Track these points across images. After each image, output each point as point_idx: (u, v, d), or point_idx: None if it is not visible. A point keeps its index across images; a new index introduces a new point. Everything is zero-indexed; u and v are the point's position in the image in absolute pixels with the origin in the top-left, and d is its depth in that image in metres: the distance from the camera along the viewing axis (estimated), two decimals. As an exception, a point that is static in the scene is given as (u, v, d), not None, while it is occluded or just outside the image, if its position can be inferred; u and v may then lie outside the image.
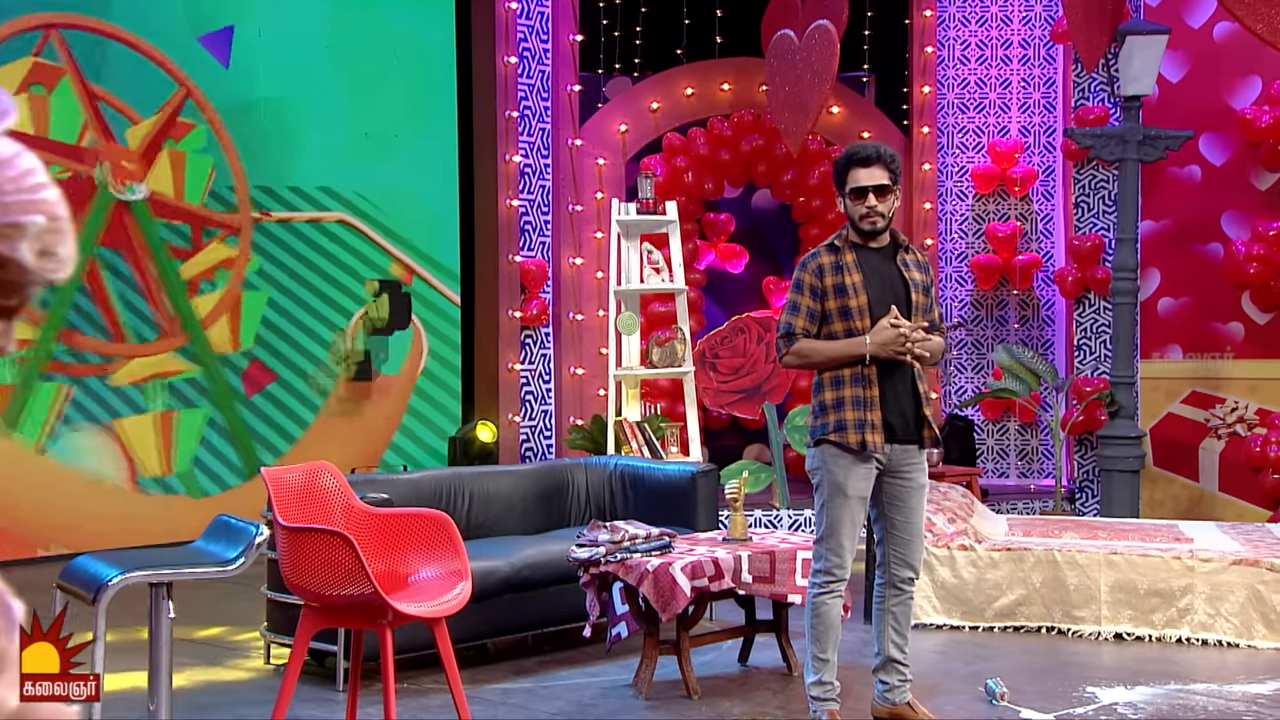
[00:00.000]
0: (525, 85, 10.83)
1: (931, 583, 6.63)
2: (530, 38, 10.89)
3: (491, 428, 10.29)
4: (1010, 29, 11.77)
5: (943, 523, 6.76)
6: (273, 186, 9.86)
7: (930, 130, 11.75)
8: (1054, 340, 11.63)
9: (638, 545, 5.22)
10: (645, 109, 11.47)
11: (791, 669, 5.59)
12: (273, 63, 9.84)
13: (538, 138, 10.94)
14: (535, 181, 10.87)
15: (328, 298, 10.13)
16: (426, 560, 4.64)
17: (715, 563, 5.15)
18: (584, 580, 5.24)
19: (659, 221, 8.29)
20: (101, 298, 8.79)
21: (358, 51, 10.27)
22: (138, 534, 8.15)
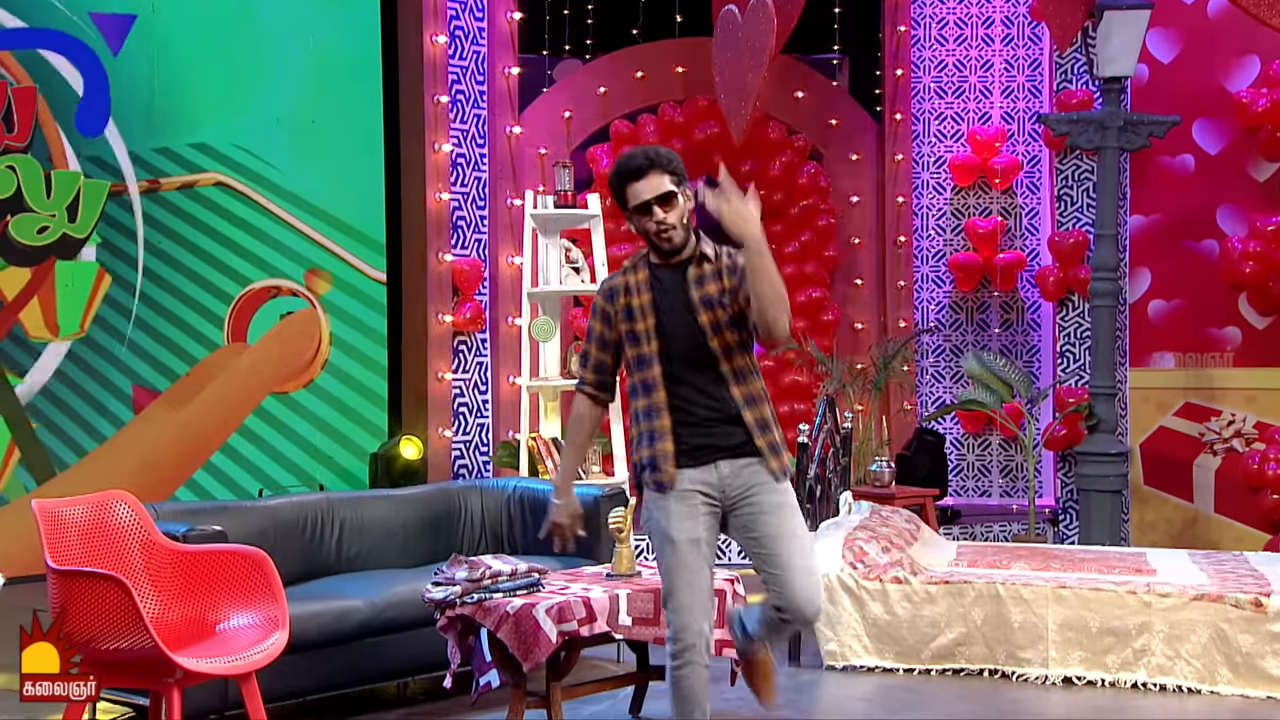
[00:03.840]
0: (457, 67, 10.49)
1: (862, 620, 6.31)
2: (463, 15, 10.55)
3: (417, 443, 9.96)
4: (992, 6, 11.45)
5: (875, 552, 6.43)
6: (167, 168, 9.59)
7: (904, 117, 11.42)
8: (1040, 346, 11.30)
9: (500, 584, 4.89)
10: (592, 93, 11.16)
11: (685, 721, 5.27)
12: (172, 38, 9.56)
13: (472, 125, 10.61)
14: (469, 173, 10.54)
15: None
16: (239, 606, 4.34)
17: (586, 604, 4.83)
18: (441, 624, 4.92)
19: (579, 216, 7.98)
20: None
21: (269, 29, 9.96)
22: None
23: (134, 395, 9.38)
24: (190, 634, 4.26)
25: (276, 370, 9.93)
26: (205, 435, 9.67)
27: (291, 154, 10.01)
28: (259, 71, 9.88)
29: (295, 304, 10.01)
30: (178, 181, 9.56)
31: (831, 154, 11.52)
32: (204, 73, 9.66)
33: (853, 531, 6.58)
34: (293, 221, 10.01)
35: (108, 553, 4.25)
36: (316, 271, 10.11)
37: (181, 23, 9.58)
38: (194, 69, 9.62)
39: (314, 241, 10.09)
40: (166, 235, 9.51)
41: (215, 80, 9.70)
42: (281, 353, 9.95)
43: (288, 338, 9.98)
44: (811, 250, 11.14)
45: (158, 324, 9.46)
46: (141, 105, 9.43)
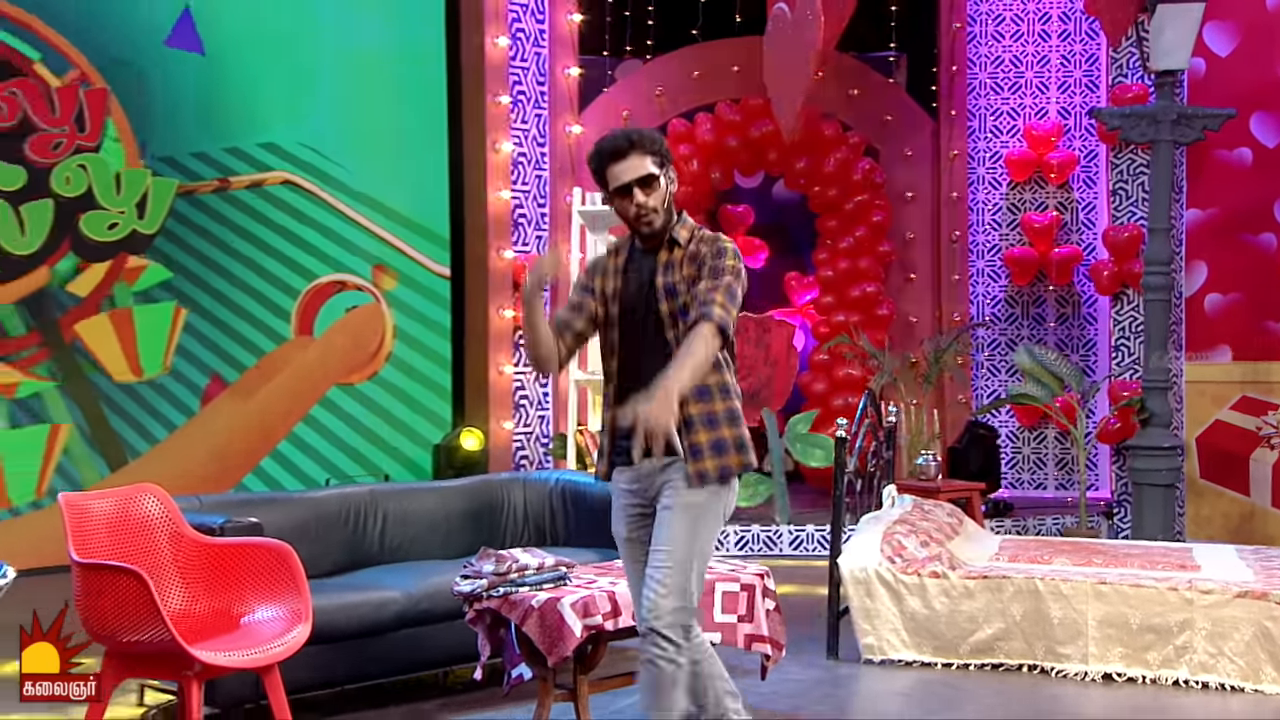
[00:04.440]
0: (518, 69, 10.40)
1: (900, 614, 6.09)
2: (524, 17, 10.45)
3: (478, 435, 9.88)
4: (1048, 2, 11.13)
5: (914, 546, 6.22)
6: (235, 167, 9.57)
7: (960, 113, 11.15)
8: (1096, 340, 10.98)
9: (526, 577, 4.75)
10: (650, 93, 11.01)
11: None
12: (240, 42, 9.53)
13: (533, 125, 10.51)
14: (530, 171, 10.44)
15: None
16: (264, 598, 4.23)
17: (611, 598, 4.67)
18: (469, 617, 4.79)
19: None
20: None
21: (336, 33, 9.91)
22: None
23: (204, 387, 9.37)
24: (215, 626, 4.16)
25: (342, 362, 9.89)
26: (272, 425, 9.65)
27: (357, 153, 9.97)
28: (326, 74, 9.83)
29: (360, 298, 9.96)
30: (247, 180, 9.53)
31: (887, 150, 11.28)
32: (272, 75, 9.63)
33: (892, 526, 6.37)
34: (358, 218, 9.96)
35: (135, 546, 4.16)
36: (383, 268, 10.06)
37: (250, 27, 9.55)
38: (262, 72, 9.59)
39: (379, 238, 10.04)
40: (235, 232, 9.47)
41: (283, 82, 9.67)
42: (346, 345, 9.91)
43: (353, 331, 9.94)
44: (866, 245, 10.92)
45: (226, 317, 9.44)
46: (211, 106, 9.41)
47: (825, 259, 11.15)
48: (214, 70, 9.40)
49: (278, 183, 9.64)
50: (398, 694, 5.38)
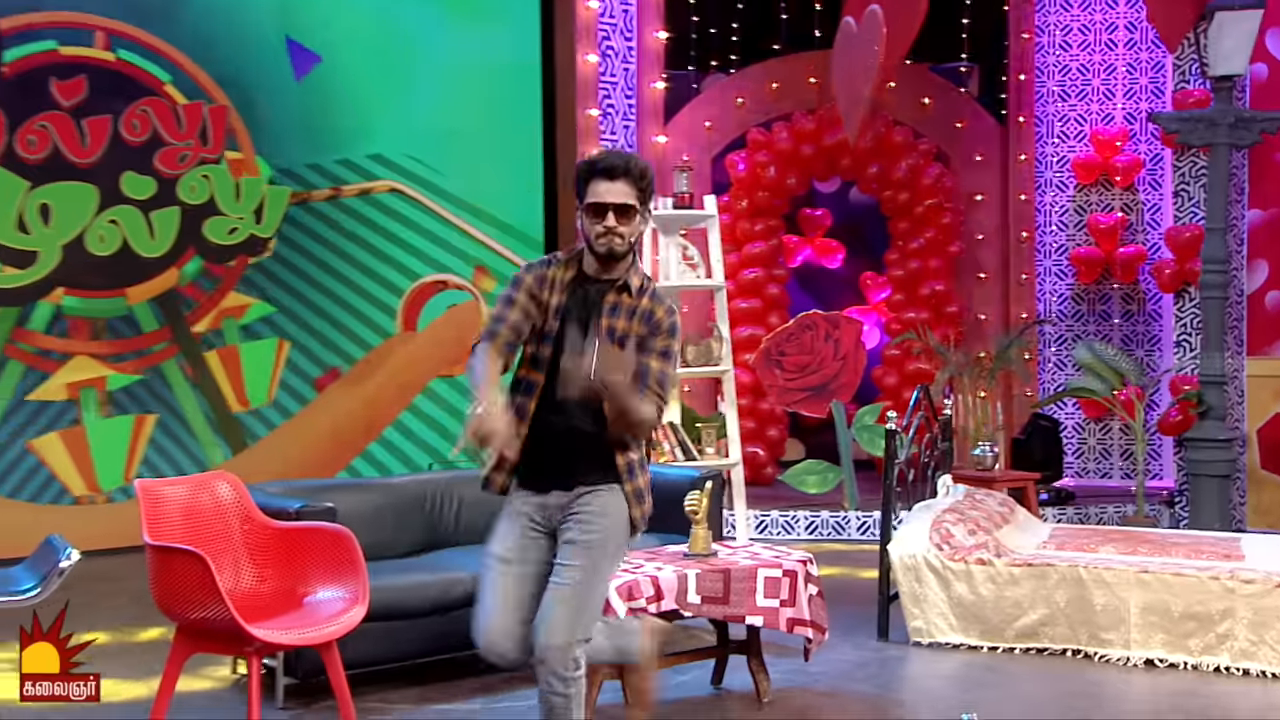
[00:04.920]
0: (608, 83, 10.32)
1: (947, 599, 5.88)
2: (614, 35, 10.37)
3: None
4: (1115, 12, 10.72)
5: (961, 534, 6.00)
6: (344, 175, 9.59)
7: (1027, 119, 10.81)
8: (1161, 336, 10.58)
9: (576, 562, 4.67)
10: (732, 104, 10.85)
11: (760, 694, 4.96)
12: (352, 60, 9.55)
13: (621, 135, 10.42)
14: (619, 179, 10.36)
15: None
16: (327, 579, 4.17)
17: (655, 583, 4.56)
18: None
19: (696, 216, 7.67)
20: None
21: (440, 51, 9.90)
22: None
23: (317, 378, 9.43)
24: (280, 605, 4.11)
25: (443, 356, 9.89)
26: (379, 413, 9.68)
27: (458, 163, 9.95)
28: (429, 90, 9.82)
29: (460, 296, 9.96)
30: (356, 189, 9.56)
31: (957, 156, 10.99)
32: (379, 93, 9.63)
33: (941, 514, 6.15)
34: (459, 223, 9.95)
35: (208, 529, 4.14)
36: (484, 269, 10.05)
37: (361, 47, 9.57)
38: (370, 90, 9.60)
39: (478, 241, 10.03)
40: (345, 236, 9.51)
41: (390, 99, 9.67)
42: (447, 340, 9.90)
43: (453, 326, 9.93)
44: (935, 246, 10.65)
45: (337, 314, 9.48)
46: (324, 122, 9.45)
47: (896, 259, 10.89)
48: (326, 89, 9.44)
49: (384, 191, 9.66)
50: (467, 668, 5.32)
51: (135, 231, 8.66)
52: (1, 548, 6.94)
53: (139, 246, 8.68)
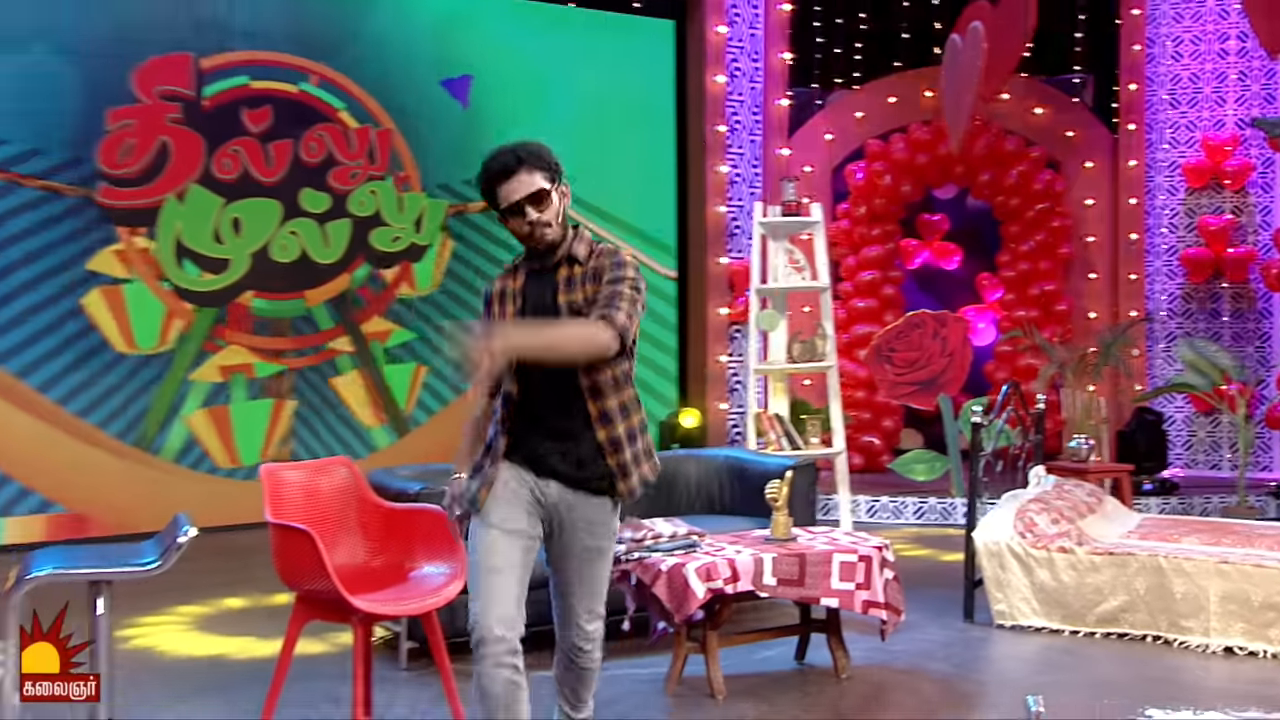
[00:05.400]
0: (735, 101, 10.17)
1: (1030, 584, 5.59)
2: (741, 58, 10.22)
3: (696, 414, 9.73)
4: (1226, 22, 10.10)
5: (1045, 523, 5.69)
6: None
7: (1138, 127, 10.26)
8: (1270, 333, 9.94)
9: (660, 544, 4.55)
10: (851, 118, 10.57)
11: (838, 670, 4.79)
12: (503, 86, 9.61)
13: (747, 149, 10.27)
14: (745, 189, 10.22)
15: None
16: (430, 556, 4.15)
17: (731, 565, 4.42)
18: (615, 576, 4.64)
19: (802, 223, 7.47)
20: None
21: (580, 74, 9.89)
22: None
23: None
24: (389, 578, 4.10)
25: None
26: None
27: (598, 176, 9.92)
28: (571, 109, 9.83)
29: (598, 298, 9.95)
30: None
31: (1069, 163, 10.50)
32: (527, 112, 9.67)
33: (1026, 503, 5.85)
34: (598, 231, 9.94)
35: (324, 509, 4.16)
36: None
37: (510, 73, 9.64)
38: (520, 109, 9.65)
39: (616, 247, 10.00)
40: (494, 242, 9.59)
41: (537, 117, 9.70)
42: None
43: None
44: (1046, 249, 10.20)
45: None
46: (476, 140, 9.53)
47: (1007, 260, 10.47)
48: (478, 112, 9.53)
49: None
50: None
51: (312, 241, 8.88)
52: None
53: (316, 254, 8.90)
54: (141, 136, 8.32)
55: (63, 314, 8.08)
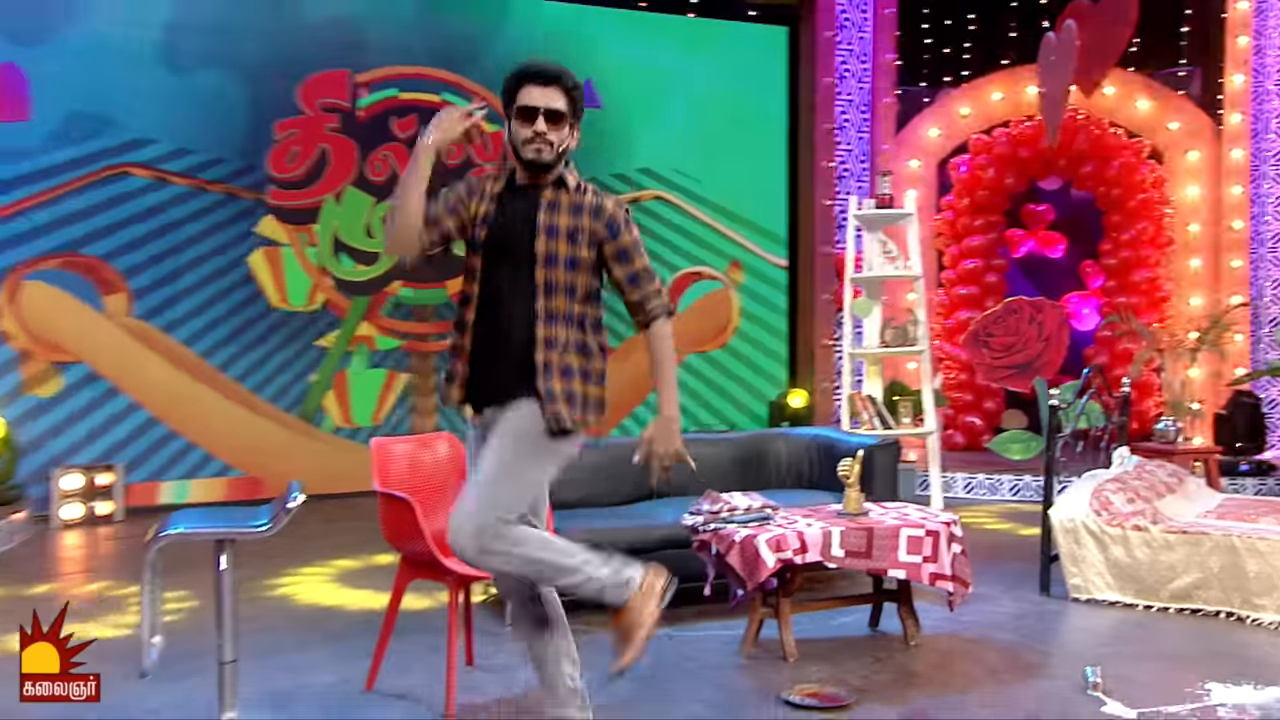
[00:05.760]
0: (844, 101, 10.00)
1: (1104, 560, 5.37)
2: (850, 60, 10.03)
3: (804, 394, 9.62)
4: (1336, 13, 9.45)
5: (1120, 502, 5.46)
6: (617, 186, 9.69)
7: (1244, 118, 9.69)
8: (1379, 318, 9.30)
9: (735, 516, 4.52)
10: (956, 114, 10.27)
11: (908, 637, 4.69)
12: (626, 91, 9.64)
13: (855, 145, 10.08)
14: (852, 182, 10.03)
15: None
16: (524, 522, 4.23)
17: (800, 537, 4.36)
18: (695, 545, 4.64)
19: (895, 215, 7.30)
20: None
21: (699, 79, 9.86)
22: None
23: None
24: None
25: (698, 334, 9.89)
26: (642, 383, 9.76)
27: (715, 173, 9.91)
28: (691, 112, 9.82)
29: (712, 285, 9.92)
30: (628, 197, 9.67)
31: (1172, 154, 9.99)
32: (648, 115, 9.71)
33: (1104, 483, 5.62)
34: (714, 224, 9.91)
35: (427, 479, 4.25)
36: (738, 264, 9.97)
37: (630, 80, 9.67)
38: (641, 113, 9.69)
39: (730, 239, 9.95)
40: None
41: (657, 120, 9.74)
42: (702, 321, 9.90)
43: (708, 311, 9.91)
44: (1148, 237, 9.74)
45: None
46: (602, 141, 9.61)
47: (1109, 249, 10.03)
48: (604, 114, 9.59)
49: (651, 198, 9.73)
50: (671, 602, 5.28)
51: (451, 236, 9.08)
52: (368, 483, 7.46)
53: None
54: (304, 145, 8.63)
55: (238, 302, 8.46)
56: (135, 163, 8.18)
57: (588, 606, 3.32)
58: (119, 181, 8.14)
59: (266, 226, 8.55)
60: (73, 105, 7.98)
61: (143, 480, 8.18)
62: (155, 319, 8.27)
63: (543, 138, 2.92)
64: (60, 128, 7.96)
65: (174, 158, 8.27)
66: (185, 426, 8.33)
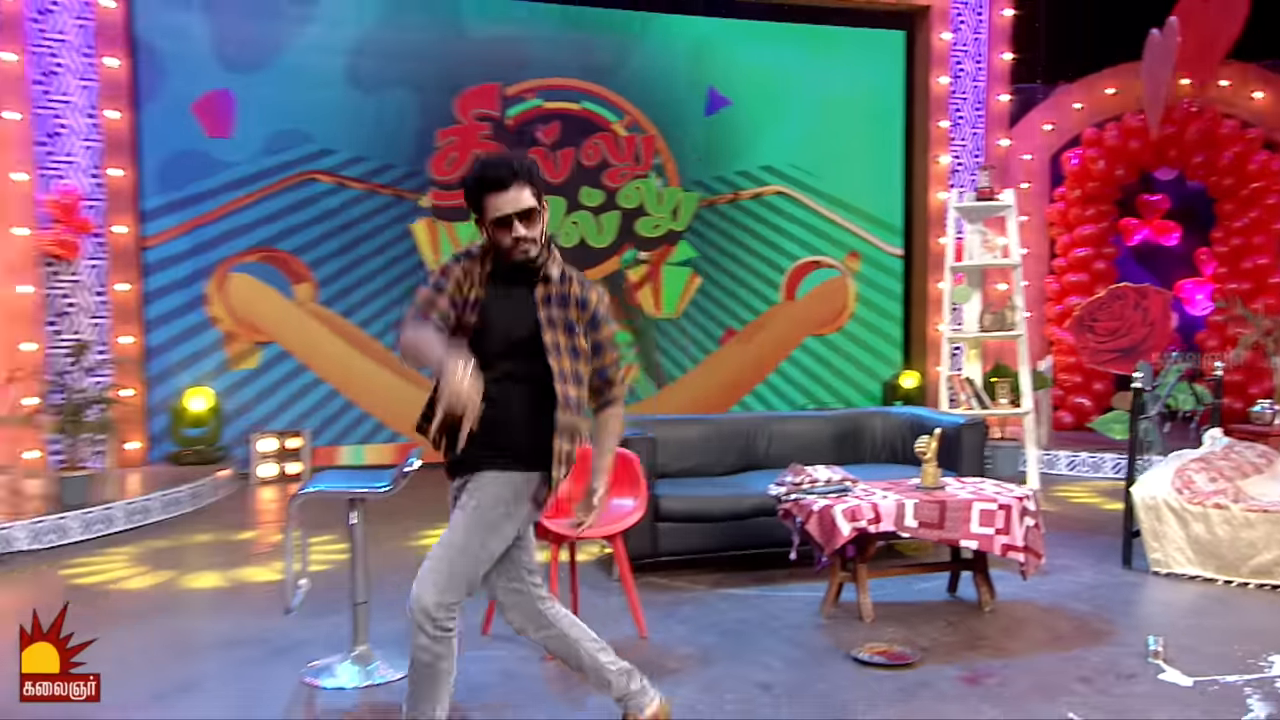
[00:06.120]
0: (959, 99, 9.74)
1: (1185, 536, 5.15)
2: (965, 60, 9.77)
3: (916, 375, 9.46)
4: None
5: (1203, 481, 5.23)
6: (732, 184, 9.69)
7: (1362, 105, 9.03)
8: None
9: (815, 488, 4.54)
10: (1070, 109, 9.88)
11: (982, 604, 4.63)
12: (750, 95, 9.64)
13: (970, 141, 9.82)
14: (966, 176, 9.78)
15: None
16: (623, 490, 4.33)
17: (875, 508, 4.36)
18: (779, 514, 4.68)
19: (995, 207, 7.09)
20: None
21: (821, 81, 9.76)
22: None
23: (720, 335, 9.68)
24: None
25: (815, 319, 9.84)
26: (764, 362, 9.79)
27: (833, 168, 9.81)
28: (810, 112, 9.74)
29: (830, 274, 9.84)
30: (750, 193, 9.68)
31: (1287, 142, 9.38)
32: (771, 117, 9.67)
33: (1188, 463, 5.38)
34: (832, 216, 9.82)
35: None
36: (856, 254, 9.87)
37: (755, 84, 9.65)
38: (764, 115, 9.66)
39: (847, 230, 9.85)
40: (741, 229, 9.67)
41: (779, 121, 9.69)
42: (819, 307, 9.84)
43: (824, 297, 9.84)
44: (1260, 224, 9.18)
45: (733, 287, 9.67)
46: (726, 142, 9.63)
47: (1221, 237, 9.50)
48: (728, 118, 9.61)
49: (772, 194, 9.71)
50: (753, 562, 5.36)
51: (589, 229, 9.28)
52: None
53: (592, 240, 9.31)
54: (461, 151, 8.97)
55: (403, 292, 8.88)
56: (320, 170, 8.66)
57: (692, 565, 3.41)
58: (306, 186, 8.64)
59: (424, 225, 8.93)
60: (275, 123, 8.51)
61: (326, 444, 8.70)
62: (336, 305, 8.75)
63: (525, 239, 2.75)
64: (263, 142, 8.49)
65: (351, 164, 8.72)
66: (360, 398, 8.81)
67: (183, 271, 8.42)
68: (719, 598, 4.84)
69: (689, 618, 4.49)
